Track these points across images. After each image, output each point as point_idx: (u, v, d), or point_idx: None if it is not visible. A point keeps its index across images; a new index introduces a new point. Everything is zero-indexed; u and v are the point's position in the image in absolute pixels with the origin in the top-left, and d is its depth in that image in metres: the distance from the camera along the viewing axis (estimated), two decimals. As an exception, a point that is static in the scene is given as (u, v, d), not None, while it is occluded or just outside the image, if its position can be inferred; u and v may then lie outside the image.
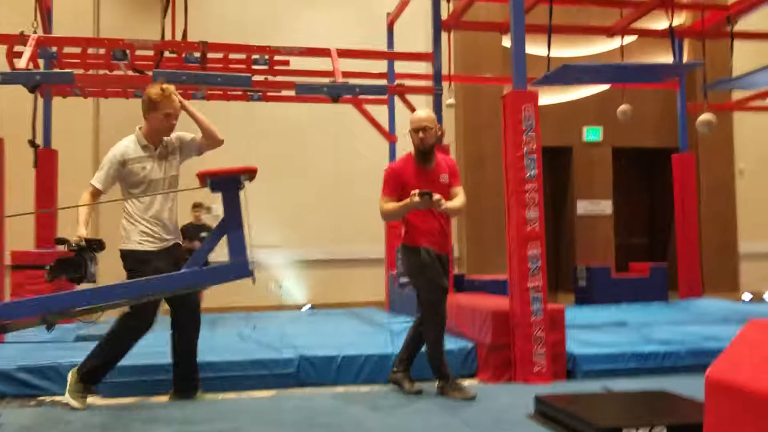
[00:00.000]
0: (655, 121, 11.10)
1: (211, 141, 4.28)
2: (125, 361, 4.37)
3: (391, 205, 4.33)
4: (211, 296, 8.80)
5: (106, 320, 7.18)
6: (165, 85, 4.10)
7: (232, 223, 3.12)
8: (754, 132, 11.06)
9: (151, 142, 4.17)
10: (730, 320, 6.80)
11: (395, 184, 4.37)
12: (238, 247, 3.13)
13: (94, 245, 3.83)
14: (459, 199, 4.39)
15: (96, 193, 4.19)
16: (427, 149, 4.38)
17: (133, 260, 4.06)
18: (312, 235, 10.04)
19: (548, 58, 6.53)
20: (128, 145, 4.16)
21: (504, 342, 4.83)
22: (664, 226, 11.65)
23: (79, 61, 7.17)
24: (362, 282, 10.09)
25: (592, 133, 11.11)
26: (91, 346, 5.54)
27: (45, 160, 7.74)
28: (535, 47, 6.68)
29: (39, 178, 7.75)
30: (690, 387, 3.79)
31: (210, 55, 6.76)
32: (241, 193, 3.39)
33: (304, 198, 10.28)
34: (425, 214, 4.34)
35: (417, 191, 4.13)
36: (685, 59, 9.43)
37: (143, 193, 4.09)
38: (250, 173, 3.27)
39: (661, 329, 6.00)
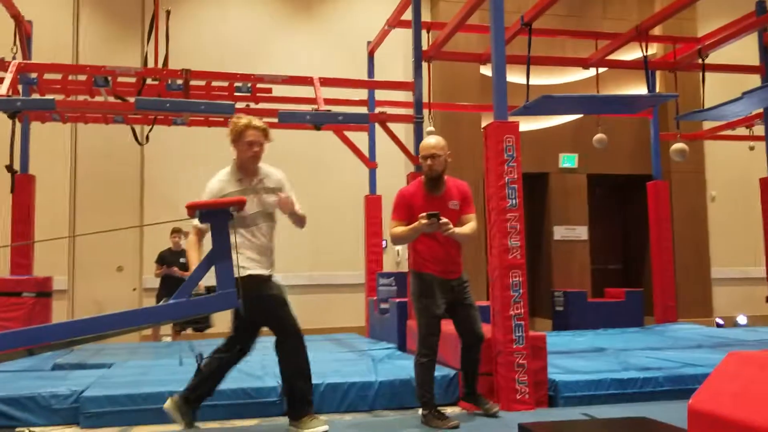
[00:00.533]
0: (629, 148, 11.34)
1: (296, 224, 4.52)
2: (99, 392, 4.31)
3: (400, 229, 4.40)
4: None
5: (84, 348, 7.12)
6: (253, 120, 4.13)
7: (221, 254, 3.14)
8: (724, 160, 11.33)
9: (244, 174, 4.15)
10: (704, 346, 6.93)
11: (404, 209, 4.45)
12: (225, 278, 3.14)
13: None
14: (469, 226, 4.45)
15: (199, 233, 4.14)
16: (435, 176, 4.46)
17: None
18: (291, 261, 10.01)
19: (527, 88, 6.68)
20: (222, 179, 4.16)
21: (486, 369, 4.87)
22: (638, 252, 11.84)
23: (59, 86, 7.15)
24: (342, 308, 10.09)
25: (567, 160, 11.30)
26: (70, 374, 5.50)
27: (22, 186, 7.67)
28: (513, 75, 6.81)
29: (16, 204, 7.67)
30: (669, 413, 3.85)
31: (192, 82, 6.78)
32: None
33: (284, 223, 10.26)
34: (430, 239, 4.42)
35: (424, 214, 4.21)
36: (657, 89, 9.68)
37: (241, 226, 4.07)
38: (239, 204, 3.29)
39: (639, 355, 6.09)
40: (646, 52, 7.06)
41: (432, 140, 4.56)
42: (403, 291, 7.40)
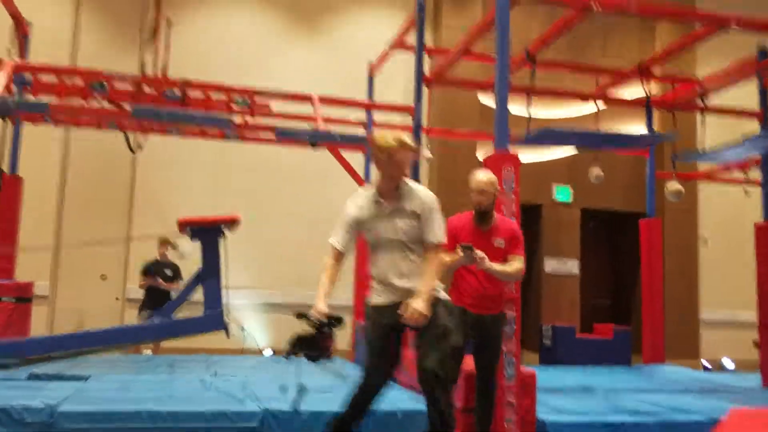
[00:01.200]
0: (623, 184, 11.33)
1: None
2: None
3: (446, 258, 4.20)
4: (171, 336, 8.59)
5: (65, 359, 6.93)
6: (392, 137, 3.65)
7: (210, 273, 3.03)
8: (717, 200, 11.34)
9: (383, 197, 3.75)
10: (692, 390, 6.84)
11: (450, 239, 4.31)
12: (213, 299, 3.03)
13: (333, 321, 3.58)
14: (511, 265, 4.38)
15: (337, 255, 3.79)
16: (483, 210, 4.43)
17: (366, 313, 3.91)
18: (277, 278, 9.89)
19: (528, 119, 6.64)
20: (360, 200, 3.84)
21: (468, 404, 4.75)
22: (628, 288, 11.79)
23: (55, 89, 7.03)
24: (327, 329, 9.92)
25: (562, 193, 11.27)
26: (46, 385, 5.32)
27: (9, 188, 7.52)
28: (511, 104, 6.79)
29: (1, 205, 7.51)
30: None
31: (190, 92, 6.70)
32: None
33: (272, 240, 10.15)
34: (464, 272, 4.41)
35: (460, 244, 4.17)
36: (654, 125, 9.69)
37: (374, 250, 3.78)
38: (232, 223, 3.18)
39: (629, 397, 5.99)
40: (649, 91, 7.04)
41: (482, 176, 4.48)
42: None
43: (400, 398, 4.97)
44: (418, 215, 3.67)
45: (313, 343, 3.52)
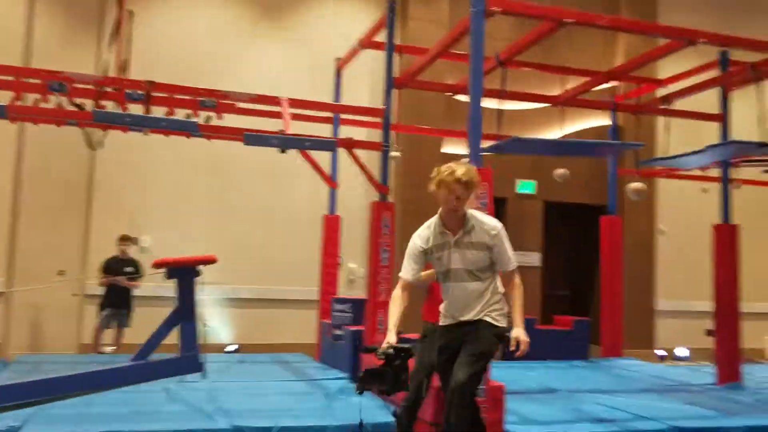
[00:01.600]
0: (586, 178, 11.47)
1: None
2: None
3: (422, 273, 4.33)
4: (133, 333, 8.43)
5: (22, 362, 6.77)
6: (448, 172, 3.69)
7: (186, 314, 2.97)
8: (676, 196, 11.59)
9: (448, 228, 3.84)
10: (652, 390, 7.05)
11: (422, 252, 4.28)
12: (189, 341, 2.98)
13: (403, 354, 3.54)
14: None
15: (406, 286, 3.85)
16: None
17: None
18: (240, 272, 9.77)
19: (498, 123, 6.65)
20: (427, 231, 3.90)
21: (436, 419, 4.79)
22: (587, 279, 12.02)
23: (11, 84, 6.75)
24: (291, 323, 9.90)
25: (525, 186, 11.37)
26: None
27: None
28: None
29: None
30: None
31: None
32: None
33: (237, 235, 10.02)
34: (438, 287, 4.34)
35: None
36: (616, 123, 9.82)
37: (443, 279, 3.91)
38: (209, 262, 3.12)
39: (591, 400, 6.15)
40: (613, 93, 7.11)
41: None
42: (358, 318, 7.30)
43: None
44: (488, 247, 3.80)
45: (384, 378, 3.52)
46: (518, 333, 3.71)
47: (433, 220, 3.92)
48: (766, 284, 11.62)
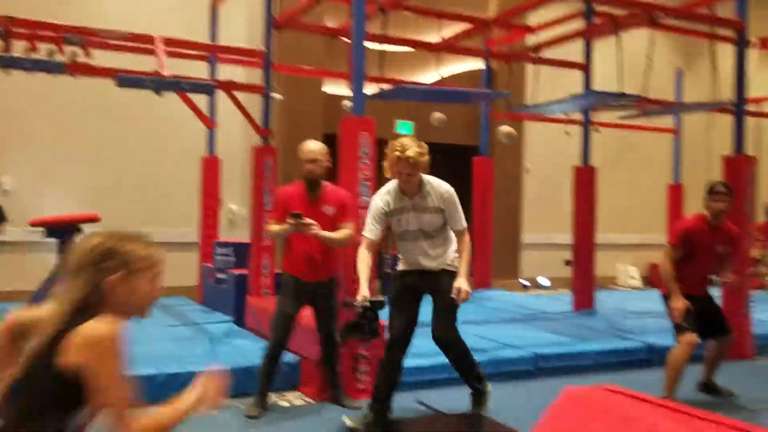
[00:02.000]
0: (459, 121, 11.89)
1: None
2: None
3: (275, 228, 4.66)
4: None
5: None
6: (401, 145, 4.07)
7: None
8: (540, 138, 12.30)
9: (406, 193, 4.23)
10: (517, 320, 7.70)
11: (281, 207, 4.66)
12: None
13: (377, 305, 3.97)
14: (341, 232, 4.63)
15: (370, 245, 4.21)
16: (313, 179, 4.65)
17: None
18: (119, 217, 9.43)
19: (380, 66, 6.77)
20: (387, 194, 4.25)
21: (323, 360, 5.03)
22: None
23: None
24: (171, 266, 9.72)
25: (404, 127, 11.63)
26: None
27: None
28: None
29: None
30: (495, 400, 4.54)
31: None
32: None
33: (112, 177, 9.60)
34: (296, 239, 4.62)
35: (290, 213, 4.41)
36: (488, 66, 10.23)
37: (401, 238, 4.33)
38: (91, 221, 3.09)
39: (463, 330, 6.60)
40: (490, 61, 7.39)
41: (313, 145, 4.70)
42: (242, 262, 7.35)
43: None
44: (441, 210, 4.22)
45: (360, 328, 3.95)
46: (460, 282, 4.16)
47: (392, 185, 4.28)
48: (619, 217, 12.75)
